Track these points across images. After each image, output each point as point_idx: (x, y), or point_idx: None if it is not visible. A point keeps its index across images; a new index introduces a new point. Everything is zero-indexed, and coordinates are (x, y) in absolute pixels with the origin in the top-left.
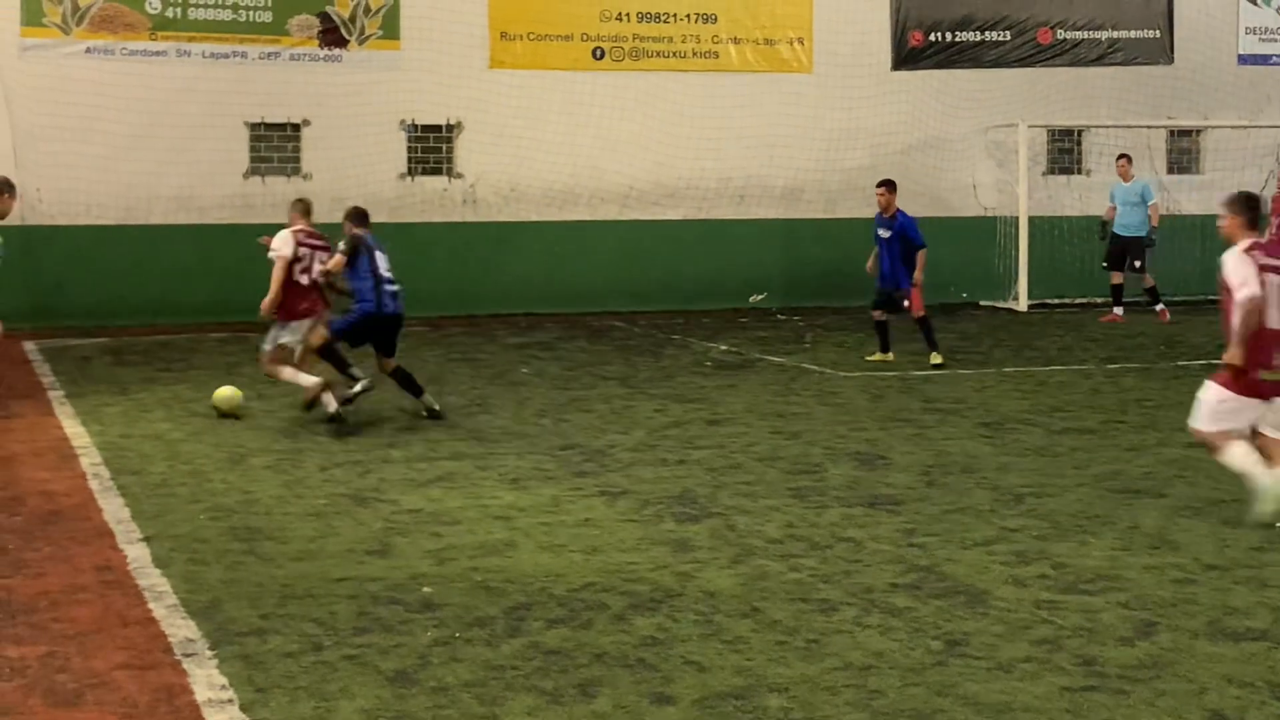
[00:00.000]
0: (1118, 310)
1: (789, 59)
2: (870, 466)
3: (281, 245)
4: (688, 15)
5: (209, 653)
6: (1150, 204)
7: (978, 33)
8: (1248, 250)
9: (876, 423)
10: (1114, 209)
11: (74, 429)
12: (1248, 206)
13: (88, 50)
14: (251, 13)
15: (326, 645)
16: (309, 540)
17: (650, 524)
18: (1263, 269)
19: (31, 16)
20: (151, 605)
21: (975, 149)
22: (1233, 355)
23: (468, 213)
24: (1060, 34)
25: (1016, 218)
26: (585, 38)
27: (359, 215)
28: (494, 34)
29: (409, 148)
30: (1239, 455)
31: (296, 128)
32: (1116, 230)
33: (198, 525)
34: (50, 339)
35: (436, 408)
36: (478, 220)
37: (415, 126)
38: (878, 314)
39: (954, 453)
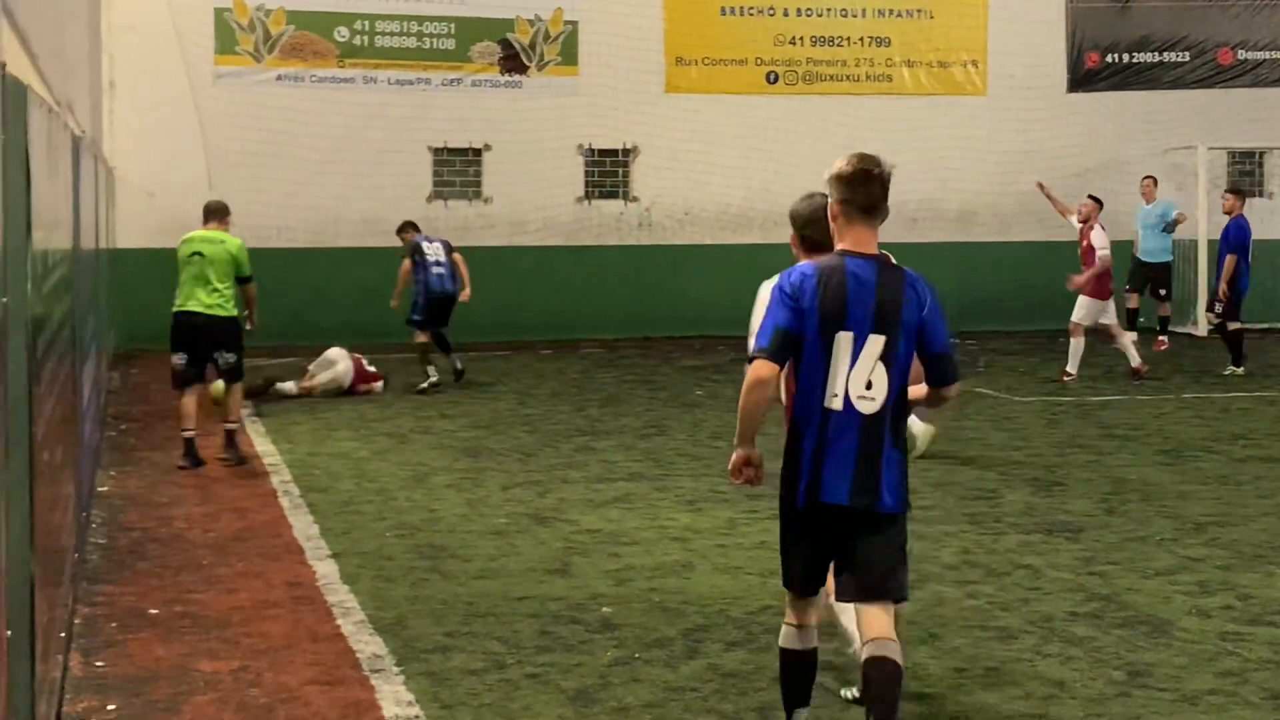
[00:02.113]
0: (1162, 339)
1: (963, 81)
2: (1047, 492)
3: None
4: (861, 39)
5: (396, 669)
6: (1176, 214)
7: (1155, 54)
8: None
9: (1053, 448)
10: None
11: (264, 447)
12: None
13: (278, 77)
14: (435, 40)
15: (509, 663)
16: (491, 559)
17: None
18: None
19: (225, 45)
20: (340, 621)
21: (1154, 171)
22: None
23: (643, 236)
24: (1241, 54)
25: (1195, 241)
26: (759, 62)
27: (410, 225)
28: (670, 59)
29: (586, 172)
30: None
31: (478, 152)
32: (1140, 256)
33: (384, 542)
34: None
35: (460, 367)
36: (653, 243)
37: (592, 151)
38: None
39: (1133, 480)
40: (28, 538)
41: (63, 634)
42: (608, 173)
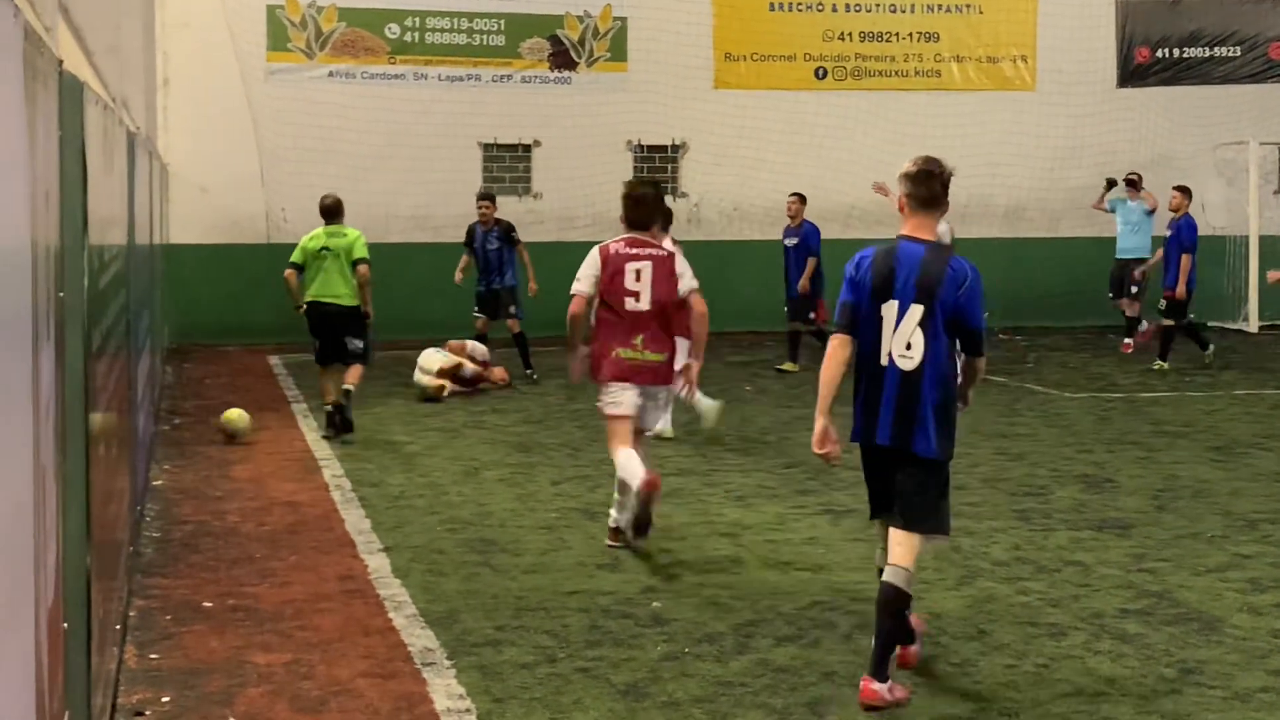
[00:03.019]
0: (1145, 327)
1: (1012, 77)
2: (1097, 489)
3: None
4: (910, 34)
5: (447, 662)
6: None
7: (1206, 48)
8: None
9: (1103, 445)
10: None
11: (316, 441)
12: None
13: (330, 74)
14: (485, 37)
15: (560, 657)
16: (541, 553)
17: (875, 543)
18: None
19: (277, 42)
20: (392, 615)
21: (1204, 167)
22: None
23: (692, 231)
24: None
25: (1246, 237)
26: (808, 58)
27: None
28: (718, 55)
29: (635, 167)
30: None
31: (528, 148)
32: (1118, 255)
33: (435, 536)
34: (294, 353)
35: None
36: (702, 239)
37: (641, 147)
38: (793, 325)
39: (1183, 476)
40: (84, 531)
41: (118, 627)
42: (657, 168)
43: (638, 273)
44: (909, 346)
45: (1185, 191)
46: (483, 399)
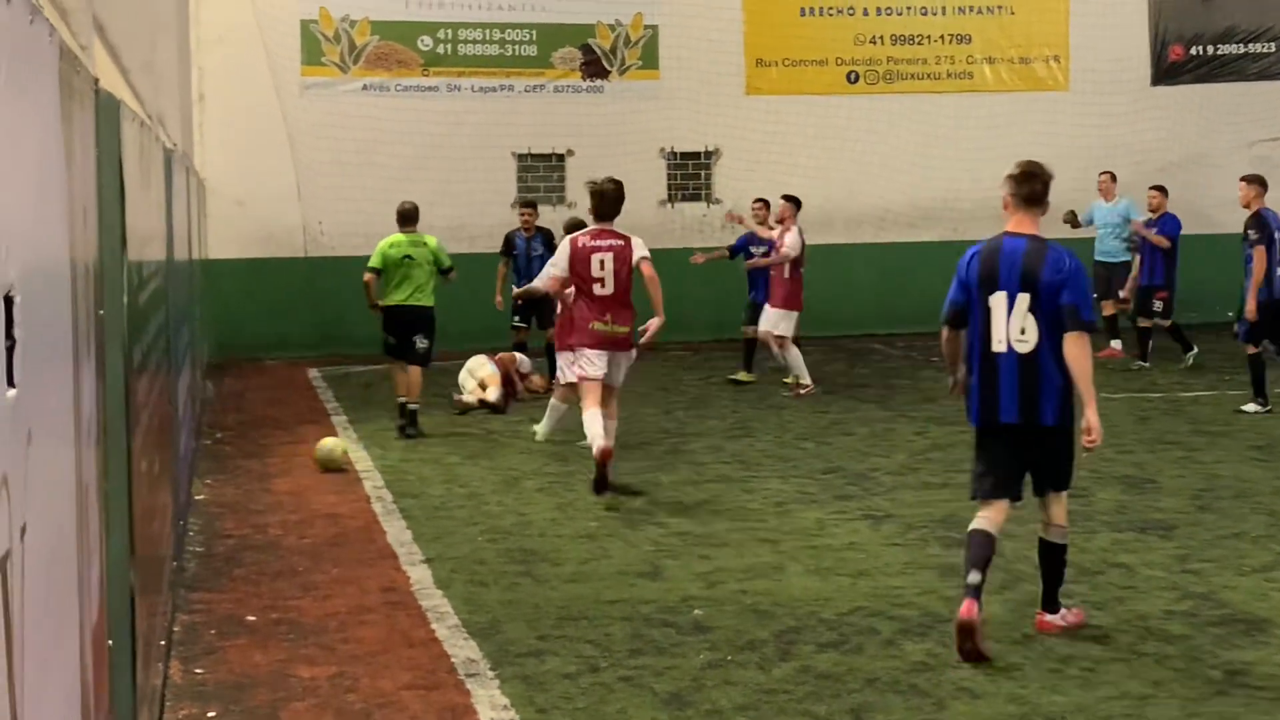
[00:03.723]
0: (1115, 344)
1: (1045, 77)
2: (1139, 490)
3: None
4: (941, 36)
5: (490, 673)
6: (1133, 221)
7: (1241, 45)
8: None
9: (1144, 445)
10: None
11: (357, 453)
12: None
13: (364, 87)
14: (517, 47)
15: (603, 666)
16: (582, 562)
17: (916, 548)
18: None
19: (311, 56)
20: (434, 626)
21: (1240, 164)
22: None
23: (726, 238)
24: None
25: None
26: (840, 62)
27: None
28: (749, 61)
29: (668, 175)
30: None
31: (561, 157)
32: (1098, 258)
33: (476, 547)
34: (333, 366)
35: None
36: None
37: (674, 154)
38: (749, 330)
39: (1226, 476)
40: (127, 547)
41: (162, 642)
42: (690, 175)
43: (601, 262)
44: (1023, 331)
45: (1163, 191)
46: (521, 409)
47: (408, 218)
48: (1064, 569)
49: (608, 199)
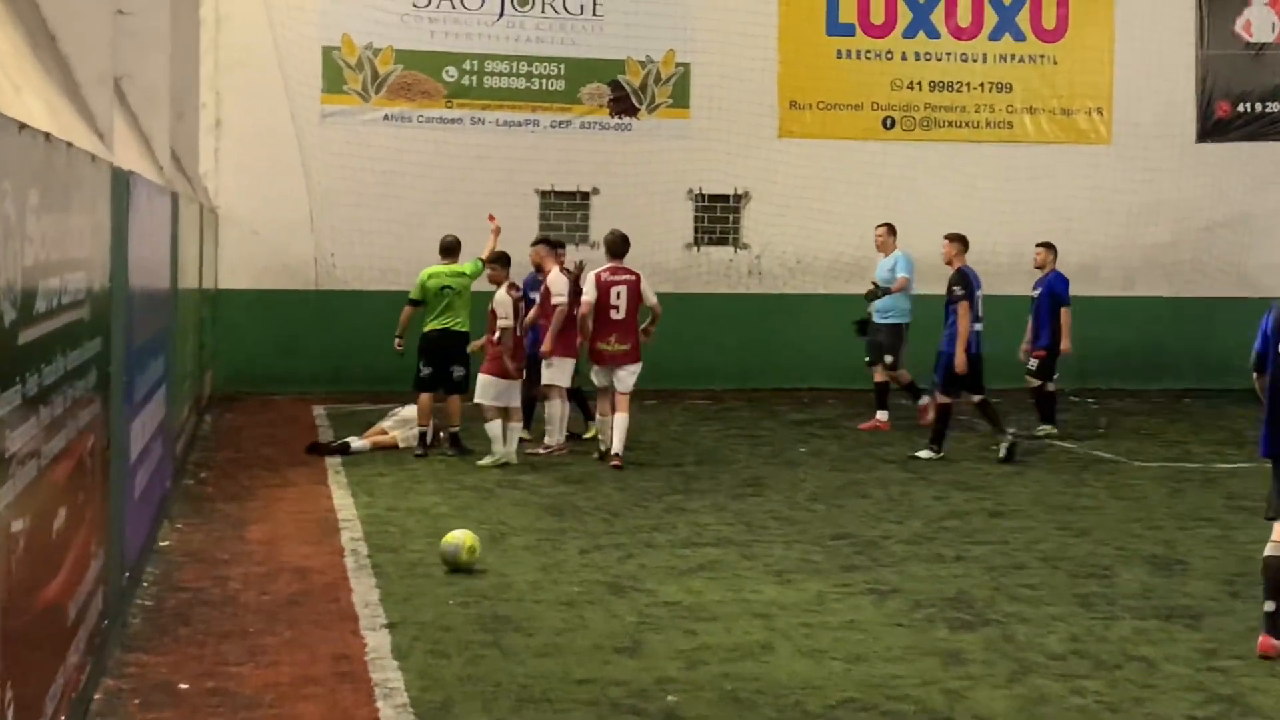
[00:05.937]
0: (881, 415)
1: (1087, 130)
2: (1167, 572)
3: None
4: (982, 84)
5: None
6: (900, 277)
7: None
8: None
9: (1175, 521)
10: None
11: (342, 500)
12: None
13: (385, 117)
14: (544, 81)
15: None
16: (556, 633)
17: (920, 630)
18: None
19: (332, 84)
20: (380, 704)
21: None
22: None
23: (753, 284)
24: None
25: None
26: (876, 107)
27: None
28: (783, 103)
29: (696, 217)
30: None
31: (586, 196)
32: (875, 318)
33: (444, 611)
34: (340, 404)
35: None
36: (763, 292)
37: (703, 196)
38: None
39: (1261, 560)
40: None
41: (63, 718)
42: (718, 219)
43: (618, 293)
44: None
45: (1050, 247)
46: (523, 458)
47: (449, 250)
48: None
49: (620, 240)
